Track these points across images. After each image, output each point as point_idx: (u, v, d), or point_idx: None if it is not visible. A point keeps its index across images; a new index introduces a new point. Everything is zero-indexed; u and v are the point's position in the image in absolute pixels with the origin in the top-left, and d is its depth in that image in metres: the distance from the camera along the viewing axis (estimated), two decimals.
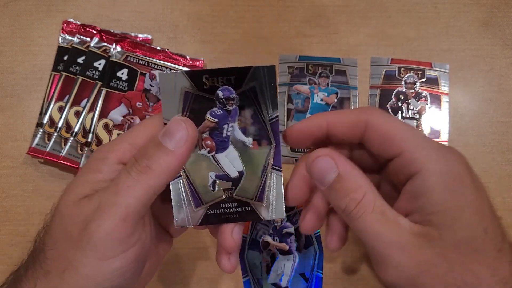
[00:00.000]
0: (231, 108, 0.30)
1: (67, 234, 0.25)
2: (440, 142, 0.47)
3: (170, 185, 0.29)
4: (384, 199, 0.27)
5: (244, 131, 0.30)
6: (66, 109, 0.45)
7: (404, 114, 0.48)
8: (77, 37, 0.47)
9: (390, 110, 0.48)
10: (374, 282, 0.44)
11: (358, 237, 0.33)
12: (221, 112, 0.30)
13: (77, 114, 0.45)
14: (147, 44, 0.47)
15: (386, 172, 0.30)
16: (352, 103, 0.48)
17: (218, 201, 0.30)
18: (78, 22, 0.48)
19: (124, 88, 0.46)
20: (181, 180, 0.30)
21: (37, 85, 0.47)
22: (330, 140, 0.30)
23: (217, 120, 0.30)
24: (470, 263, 0.25)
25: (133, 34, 0.49)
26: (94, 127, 0.45)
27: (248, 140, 0.30)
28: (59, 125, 0.45)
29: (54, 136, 0.45)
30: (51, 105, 0.46)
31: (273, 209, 0.30)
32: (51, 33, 0.49)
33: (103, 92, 0.45)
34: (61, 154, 0.44)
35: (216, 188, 0.30)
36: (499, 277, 0.25)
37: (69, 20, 0.48)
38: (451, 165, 0.26)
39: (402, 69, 0.49)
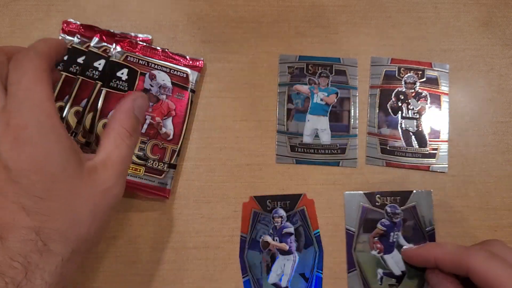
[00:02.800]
0: (396, 220, 0.41)
1: None
2: (439, 142, 0.47)
3: (347, 277, 0.41)
4: None
5: (407, 240, 0.41)
6: (66, 109, 0.45)
7: (404, 114, 0.48)
8: (77, 37, 0.47)
9: (390, 110, 0.48)
10: None
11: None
12: (389, 223, 0.41)
13: (77, 114, 0.45)
14: (147, 44, 0.47)
15: None
16: (352, 103, 0.48)
17: None
18: (78, 22, 0.48)
19: (124, 88, 0.46)
20: (356, 273, 0.41)
21: None
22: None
23: (385, 228, 0.41)
24: None
25: (133, 34, 0.49)
26: (94, 127, 0.45)
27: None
28: None
29: None
30: None
31: None
32: (51, 33, 0.49)
33: (103, 92, 0.45)
34: None
35: (383, 283, 0.40)
36: None
37: (69, 20, 0.48)
38: None
39: (402, 69, 0.49)
